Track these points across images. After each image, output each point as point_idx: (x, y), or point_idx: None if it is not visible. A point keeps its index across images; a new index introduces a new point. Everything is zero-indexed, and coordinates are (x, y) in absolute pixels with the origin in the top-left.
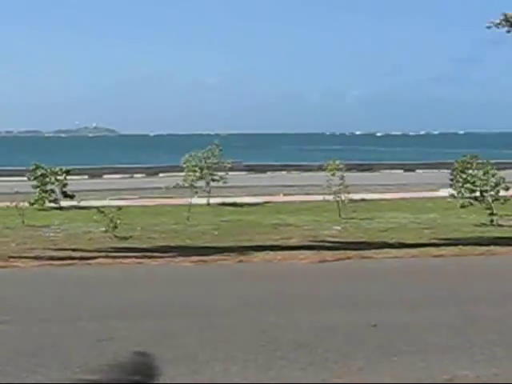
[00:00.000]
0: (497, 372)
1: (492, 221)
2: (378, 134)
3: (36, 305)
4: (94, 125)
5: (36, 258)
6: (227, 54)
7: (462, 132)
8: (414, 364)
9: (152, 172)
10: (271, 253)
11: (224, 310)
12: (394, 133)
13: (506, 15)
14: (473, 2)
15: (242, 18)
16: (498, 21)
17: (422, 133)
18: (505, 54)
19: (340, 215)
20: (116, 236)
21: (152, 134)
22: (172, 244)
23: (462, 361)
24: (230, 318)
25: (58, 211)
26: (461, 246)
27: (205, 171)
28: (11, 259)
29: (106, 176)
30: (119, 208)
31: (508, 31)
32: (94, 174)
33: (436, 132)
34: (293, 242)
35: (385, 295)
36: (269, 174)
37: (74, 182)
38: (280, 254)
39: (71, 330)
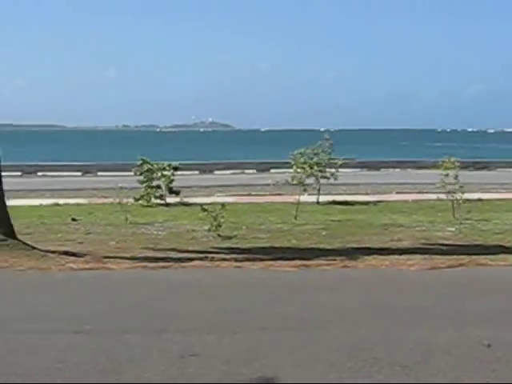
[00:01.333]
0: None
1: None
2: (490, 131)
3: (120, 313)
4: (210, 120)
5: (131, 258)
6: (345, 50)
7: None
8: None
9: (263, 168)
10: (379, 257)
11: (321, 324)
12: (507, 130)
13: None
14: None
15: (360, 16)
16: None
17: None
18: None
19: (454, 215)
20: (219, 235)
21: (263, 130)
22: (276, 245)
23: None
24: (327, 333)
25: (164, 208)
26: None
27: (314, 168)
28: (105, 259)
29: (216, 172)
30: (223, 205)
31: None
32: (205, 169)
33: None
34: (403, 244)
35: (501, 310)
36: (382, 170)
37: (184, 178)
38: (388, 259)
39: (153, 344)
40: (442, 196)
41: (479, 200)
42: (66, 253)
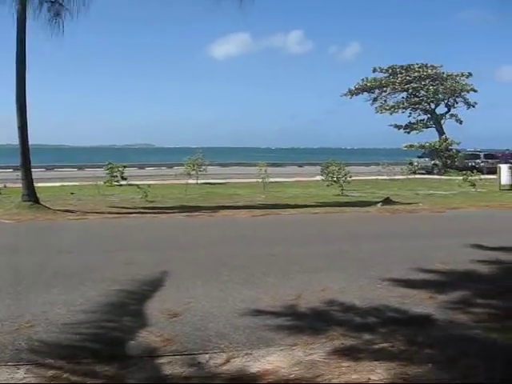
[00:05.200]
0: (349, 284)
1: (342, 193)
2: (272, 148)
3: (90, 242)
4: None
5: (100, 213)
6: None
7: (316, 147)
8: (303, 279)
9: (170, 166)
10: (227, 211)
11: (198, 245)
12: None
13: (349, 89)
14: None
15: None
16: (345, 92)
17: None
18: (349, 108)
19: (264, 189)
20: (147, 200)
21: (166, 146)
22: (176, 205)
23: (331, 277)
24: (201, 250)
25: (119, 187)
26: (327, 208)
27: (195, 166)
28: (86, 214)
29: (147, 168)
30: (149, 185)
31: (350, 98)
32: (141, 166)
33: (302, 147)
34: (239, 204)
35: (283, 236)
36: (230, 167)
37: (129, 171)
38: (232, 212)
39: (108, 258)
40: (259, 180)
41: (276, 182)
42: (66, 211)
